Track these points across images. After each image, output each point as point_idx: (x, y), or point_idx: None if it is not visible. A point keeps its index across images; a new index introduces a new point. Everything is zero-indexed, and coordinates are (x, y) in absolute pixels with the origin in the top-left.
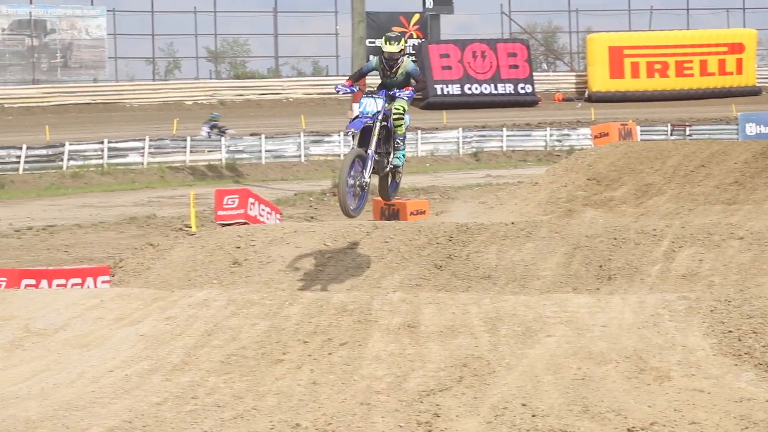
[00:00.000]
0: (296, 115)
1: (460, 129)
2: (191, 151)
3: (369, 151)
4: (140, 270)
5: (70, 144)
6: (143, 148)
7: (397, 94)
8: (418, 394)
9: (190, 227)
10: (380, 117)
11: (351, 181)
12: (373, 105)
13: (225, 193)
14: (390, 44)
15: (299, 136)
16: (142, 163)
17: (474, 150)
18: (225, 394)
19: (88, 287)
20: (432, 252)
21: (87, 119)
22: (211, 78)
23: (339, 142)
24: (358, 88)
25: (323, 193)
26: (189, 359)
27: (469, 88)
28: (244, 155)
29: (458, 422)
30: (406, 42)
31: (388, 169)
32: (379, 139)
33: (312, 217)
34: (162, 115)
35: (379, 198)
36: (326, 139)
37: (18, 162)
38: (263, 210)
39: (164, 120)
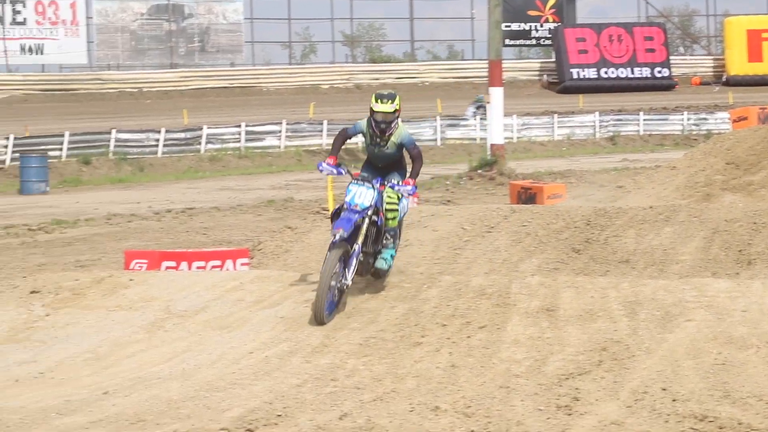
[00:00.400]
0: (432, 99)
1: (597, 113)
2: (328, 135)
3: (355, 247)
4: (279, 253)
5: (208, 127)
6: (280, 131)
7: (395, 188)
8: (557, 377)
9: (328, 210)
10: (370, 212)
11: (332, 283)
12: (363, 196)
13: None
14: (382, 102)
15: (435, 120)
16: (279, 147)
17: (610, 134)
18: (364, 377)
19: (228, 270)
20: (570, 236)
21: (224, 103)
22: (347, 62)
23: (475, 126)
24: (345, 170)
25: (459, 177)
26: (328, 341)
27: (606, 72)
28: None
29: (598, 406)
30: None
31: (372, 272)
32: (367, 236)
33: (449, 201)
34: (298, 99)
35: (515, 182)
36: (462, 122)
37: (157, 145)
38: None
39: (300, 104)
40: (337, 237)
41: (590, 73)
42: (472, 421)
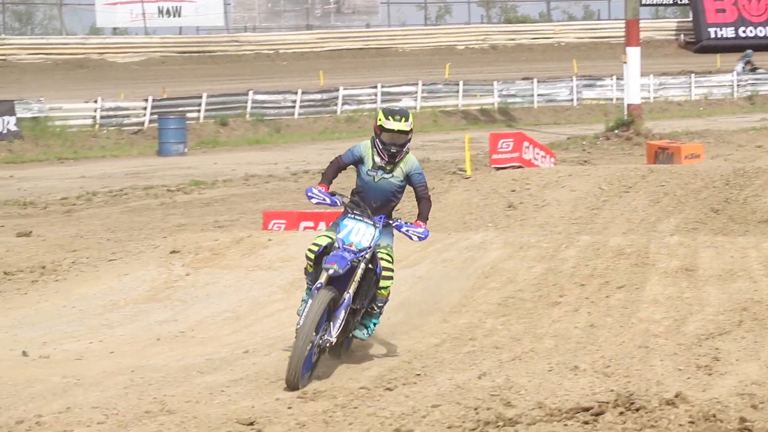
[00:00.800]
0: (568, 60)
1: (734, 72)
2: (464, 95)
3: (346, 296)
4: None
5: (344, 88)
6: (416, 92)
7: (403, 229)
8: (696, 337)
9: (465, 171)
10: (368, 255)
11: (314, 337)
12: (361, 234)
13: (499, 137)
14: (395, 120)
15: (571, 80)
16: (415, 108)
17: (748, 93)
18: (502, 336)
19: None
20: (708, 195)
21: (360, 64)
22: (482, 23)
23: (612, 86)
24: (341, 201)
25: (596, 137)
26: (466, 301)
27: (744, 31)
28: (516, 99)
29: (738, 366)
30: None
31: (350, 335)
32: (360, 286)
33: (585, 161)
34: (434, 60)
35: (652, 142)
36: (598, 83)
37: (293, 107)
38: (538, 153)
39: (436, 65)
40: (331, 272)
41: (728, 32)
42: (612, 381)
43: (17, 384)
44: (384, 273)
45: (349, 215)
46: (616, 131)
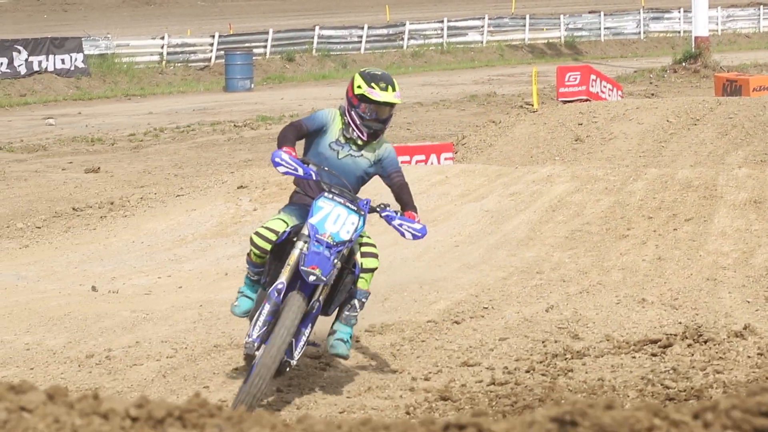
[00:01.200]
0: None
1: None
2: (530, 29)
3: (316, 304)
4: (482, 147)
5: (410, 23)
6: (482, 26)
7: (394, 221)
8: (765, 269)
9: (532, 104)
10: (345, 252)
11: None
12: (341, 223)
13: (566, 70)
14: (383, 89)
15: (638, 12)
16: (482, 42)
17: None
18: (570, 269)
19: (432, 164)
20: None
21: None
22: None
23: (679, 19)
24: (316, 174)
25: (663, 70)
26: (533, 234)
27: None
28: (583, 33)
29: None
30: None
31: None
32: (336, 292)
33: (653, 94)
34: None
35: (720, 75)
36: (666, 15)
37: (360, 42)
38: (605, 87)
39: None
40: (312, 279)
41: None
42: (679, 313)
43: (87, 319)
44: (366, 262)
45: (326, 194)
46: (684, 64)
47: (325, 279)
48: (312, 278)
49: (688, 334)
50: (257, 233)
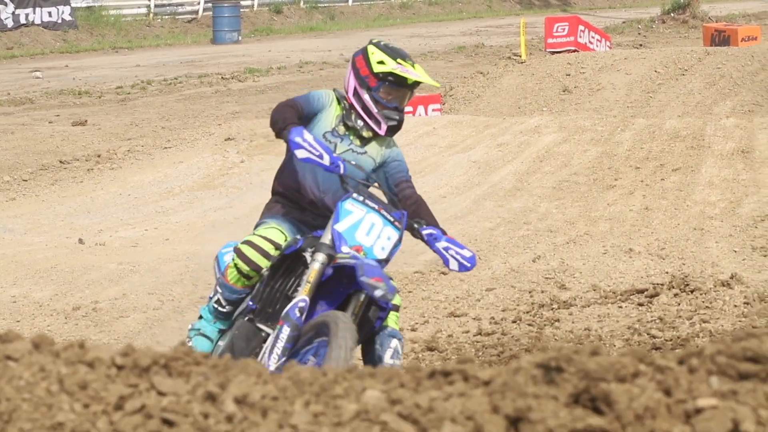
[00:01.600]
0: None
1: None
2: None
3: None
4: (470, 98)
5: None
6: None
7: (440, 245)
8: (752, 219)
9: (520, 55)
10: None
11: None
12: (376, 235)
13: (554, 21)
14: (410, 64)
15: None
16: None
17: None
18: (557, 220)
19: (420, 115)
20: (765, 78)
21: None
22: None
23: None
24: (342, 164)
25: (652, 20)
26: (521, 185)
27: None
28: None
29: None
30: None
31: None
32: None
33: (641, 45)
34: None
35: (708, 25)
36: None
37: None
38: (593, 37)
39: None
40: (378, 294)
41: None
42: (667, 263)
43: (74, 271)
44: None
45: (354, 195)
46: (672, 14)
47: (391, 297)
48: (379, 293)
49: (675, 283)
50: (249, 244)
